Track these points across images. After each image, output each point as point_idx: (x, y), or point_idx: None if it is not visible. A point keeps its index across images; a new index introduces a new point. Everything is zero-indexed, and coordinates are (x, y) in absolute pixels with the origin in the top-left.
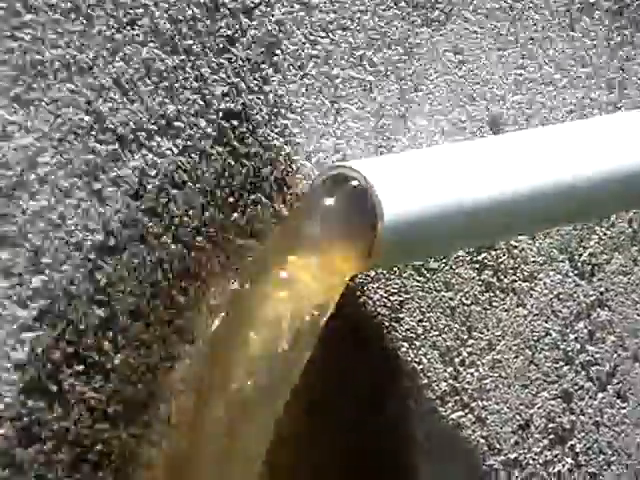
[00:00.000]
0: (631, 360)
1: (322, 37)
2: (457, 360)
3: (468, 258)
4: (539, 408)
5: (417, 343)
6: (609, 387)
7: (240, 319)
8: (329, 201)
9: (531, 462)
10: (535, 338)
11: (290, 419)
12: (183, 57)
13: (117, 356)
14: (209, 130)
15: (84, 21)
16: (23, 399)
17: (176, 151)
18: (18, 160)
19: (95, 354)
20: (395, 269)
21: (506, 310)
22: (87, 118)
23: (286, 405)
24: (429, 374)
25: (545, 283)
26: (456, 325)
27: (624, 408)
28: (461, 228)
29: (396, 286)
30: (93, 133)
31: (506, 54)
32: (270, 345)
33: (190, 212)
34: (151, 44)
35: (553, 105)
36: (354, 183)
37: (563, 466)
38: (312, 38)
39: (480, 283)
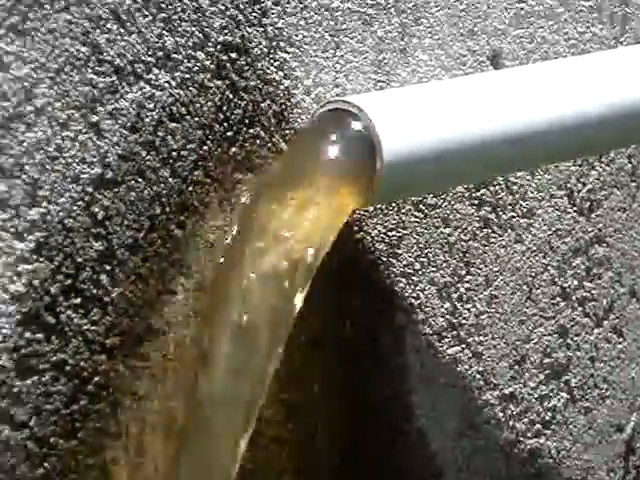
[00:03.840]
0: (628, 296)
1: None
2: (455, 296)
3: (467, 194)
4: (535, 343)
5: (415, 279)
6: (605, 323)
7: (238, 259)
8: (329, 136)
9: (527, 397)
10: (533, 274)
11: (289, 351)
12: None
13: (115, 289)
14: (207, 63)
15: None
16: (21, 331)
17: (174, 84)
18: (15, 91)
19: (92, 287)
20: (393, 205)
21: (504, 246)
22: (84, 49)
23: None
24: (426, 309)
25: (543, 219)
26: (454, 261)
27: (620, 344)
28: (461, 164)
29: (394, 222)
30: (90, 65)
31: None
32: (269, 280)
33: (188, 146)
34: None
35: (554, 40)
36: (354, 118)
37: (558, 400)
38: None
39: (478, 219)
